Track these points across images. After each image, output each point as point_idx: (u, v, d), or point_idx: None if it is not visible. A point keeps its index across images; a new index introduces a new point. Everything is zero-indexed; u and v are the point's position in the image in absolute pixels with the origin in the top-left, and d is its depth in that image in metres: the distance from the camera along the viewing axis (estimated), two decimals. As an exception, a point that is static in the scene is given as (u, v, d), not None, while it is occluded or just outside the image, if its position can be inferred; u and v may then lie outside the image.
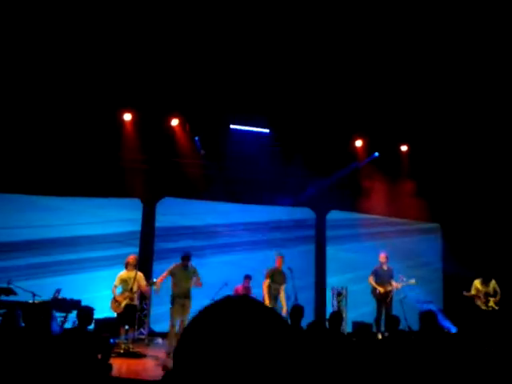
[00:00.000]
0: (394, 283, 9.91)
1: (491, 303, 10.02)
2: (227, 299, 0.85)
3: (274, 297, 9.18)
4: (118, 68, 9.44)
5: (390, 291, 9.85)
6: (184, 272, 8.65)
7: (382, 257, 10.11)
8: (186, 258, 8.74)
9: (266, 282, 9.19)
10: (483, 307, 10.06)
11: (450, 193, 12.34)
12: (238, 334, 0.76)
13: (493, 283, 10.15)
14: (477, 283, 10.23)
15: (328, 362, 4.51)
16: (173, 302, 8.53)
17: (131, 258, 8.76)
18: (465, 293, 10.31)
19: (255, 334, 0.77)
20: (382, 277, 9.96)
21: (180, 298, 8.48)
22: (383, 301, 9.74)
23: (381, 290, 9.80)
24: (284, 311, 8.90)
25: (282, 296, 9.25)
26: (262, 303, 0.87)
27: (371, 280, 9.96)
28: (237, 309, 0.81)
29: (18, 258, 10.17)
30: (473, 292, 10.21)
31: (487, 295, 10.07)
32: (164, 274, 8.73)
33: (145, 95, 10.13)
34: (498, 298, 10.04)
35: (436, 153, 12.11)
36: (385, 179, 11.73)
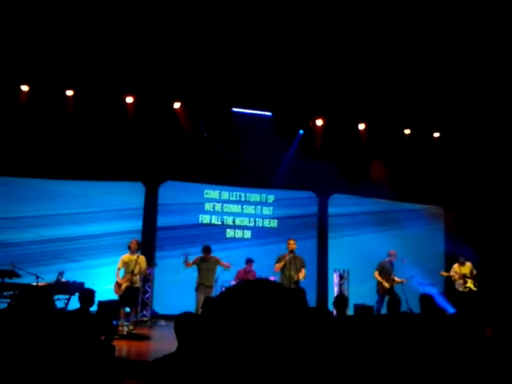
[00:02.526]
0: (395, 278, 10.00)
1: (469, 284, 10.28)
2: (245, 283, 0.87)
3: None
4: (121, 52, 9.39)
5: (393, 286, 9.93)
6: (204, 264, 9.22)
7: (393, 253, 10.16)
8: (204, 250, 9.28)
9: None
10: (461, 289, 10.44)
11: (453, 176, 12.31)
12: (255, 313, 0.77)
13: (468, 265, 10.54)
14: (455, 266, 10.68)
15: (335, 344, 4.55)
16: (198, 288, 9.11)
17: (133, 243, 8.84)
18: (442, 272, 11.00)
19: (272, 311, 0.78)
20: (388, 272, 10.02)
21: (204, 285, 9.09)
22: (386, 294, 9.75)
23: (386, 285, 9.85)
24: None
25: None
26: (278, 284, 0.88)
27: (377, 275, 10.00)
28: (254, 291, 0.82)
29: (21, 241, 10.23)
30: (451, 273, 10.64)
31: (465, 277, 10.37)
32: (190, 262, 9.18)
33: (147, 79, 10.08)
34: (472, 278, 10.40)
35: (439, 136, 12.08)
36: (387, 163, 11.71)
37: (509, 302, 9.62)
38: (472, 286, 10.33)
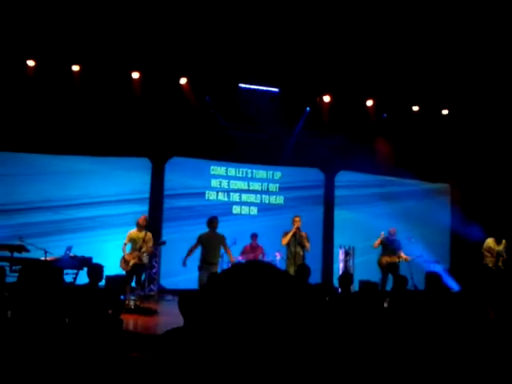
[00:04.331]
0: (402, 255, 10.00)
1: (500, 263, 10.17)
2: (237, 266, 0.86)
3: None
4: (127, 27, 9.30)
5: (398, 262, 9.95)
6: (210, 239, 8.68)
7: (392, 230, 10.20)
8: (209, 223, 8.81)
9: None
10: (490, 265, 10.21)
11: (460, 153, 12.23)
12: (248, 295, 0.78)
13: (504, 243, 10.34)
14: (490, 242, 10.40)
15: (338, 322, 4.60)
16: (201, 267, 8.58)
17: (142, 219, 8.85)
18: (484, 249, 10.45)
19: (265, 293, 0.78)
20: (390, 247, 10.04)
21: (208, 264, 8.50)
22: (389, 272, 9.81)
23: (387, 259, 9.89)
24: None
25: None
26: (271, 266, 0.88)
27: (376, 244, 10.07)
28: (248, 272, 0.82)
29: (29, 217, 10.32)
30: (485, 249, 10.39)
31: (498, 255, 10.20)
32: (191, 248, 8.73)
33: (153, 54, 10.00)
34: (505, 257, 10.20)
35: (446, 113, 11.97)
36: (395, 140, 11.64)
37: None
38: (501, 265, 10.24)
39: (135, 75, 10.46)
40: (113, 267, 8.64)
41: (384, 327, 4.12)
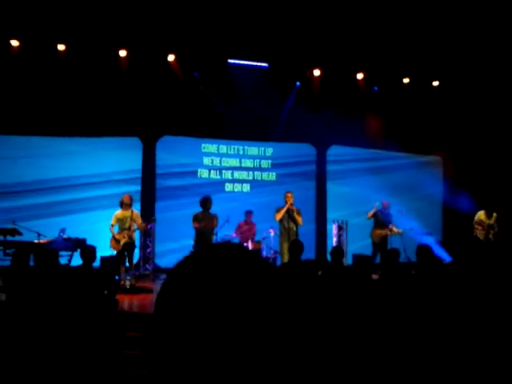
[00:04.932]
0: (394, 228, 10.07)
1: (491, 235, 10.27)
2: (206, 247, 0.84)
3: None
4: (112, 5, 9.13)
5: (387, 236, 10.02)
6: (204, 218, 8.85)
7: (385, 203, 10.27)
8: (202, 203, 8.98)
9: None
10: (482, 237, 10.32)
11: (452, 125, 12.23)
12: (219, 279, 0.76)
13: (494, 216, 10.42)
14: (481, 214, 10.48)
15: (330, 296, 4.64)
16: (195, 247, 8.58)
17: (126, 198, 8.83)
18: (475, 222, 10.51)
19: (237, 278, 0.77)
20: (382, 220, 10.11)
21: (203, 243, 8.53)
22: (381, 245, 9.88)
23: (380, 232, 9.96)
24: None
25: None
26: (242, 247, 0.86)
27: (370, 215, 10.12)
28: (218, 255, 0.81)
29: (20, 199, 10.28)
30: (476, 221, 10.47)
31: (489, 227, 10.30)
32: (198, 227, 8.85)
33: (140, 32, 9.84)
34: (496, 230, 10.28)
35: (437, 84, 11.93)
36: (385, 113, 11.60)
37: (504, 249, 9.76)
38: (491, 238, 10.34)
39: (122, 53, 10.31)
40: (107, 248, 8.66)
41: (376, 300, 4.17)
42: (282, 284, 0.80)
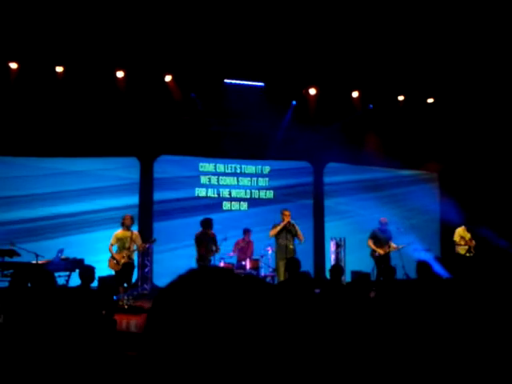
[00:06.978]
0: (393, 245, 10.02)
1: (472, 249, 10.33)
2: (193, 271, 0.84)
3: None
4: (109, 27, 9.24)
5: (389, 253, 9.98)
6: (205, 238, 9.14)
7: (383, 220, 10.20)
8: (204, 224, 9.24)
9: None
10: (463, 253, 10.39)
11: (447, 141, 12.31)
12: (207, 303, 0.76)
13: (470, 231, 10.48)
14: (460, 231, 10.52)
15: (329, 313, 4.64)
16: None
17: (127, 218, 8.89)
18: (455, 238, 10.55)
19: (227, 301, 0.77)
20: (381, 239, 10.04)
21: (203, 262, 8.99)
22: (383, 262, 9.83)
23: (380, 252, 9.92)
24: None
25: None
26: (231, 272, 0.86)
27: (370, 243, 10.01)
28: (205, 279, 0.81)
29: (19, 220, 10.27)
30: (456, 239, 10.48)
31: (471, 241, 10.39)
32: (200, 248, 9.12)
33: (137, 53, 9.95)
34: (474, 244, 10.36)
35: (433, 102, 12.03)
36: (381, 130, 11.69)
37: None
38: (473, 251, 10.37)
39: (120, 74, 10.41)
40: (105, 267, 8.64)
41: (373, 317, 4.17)
42: (277, 303, 0.80)
